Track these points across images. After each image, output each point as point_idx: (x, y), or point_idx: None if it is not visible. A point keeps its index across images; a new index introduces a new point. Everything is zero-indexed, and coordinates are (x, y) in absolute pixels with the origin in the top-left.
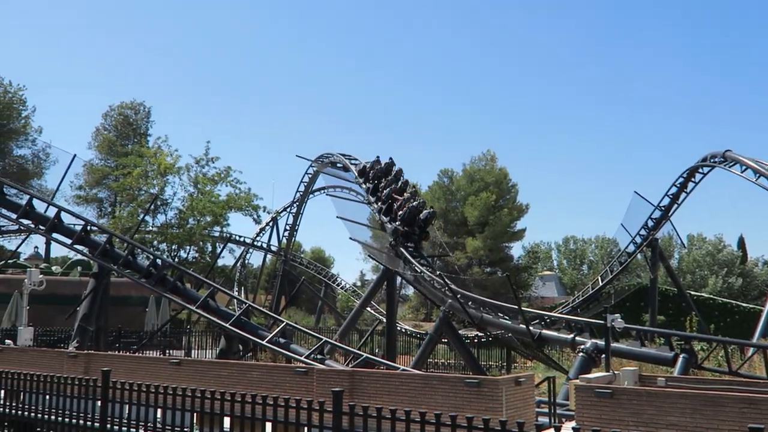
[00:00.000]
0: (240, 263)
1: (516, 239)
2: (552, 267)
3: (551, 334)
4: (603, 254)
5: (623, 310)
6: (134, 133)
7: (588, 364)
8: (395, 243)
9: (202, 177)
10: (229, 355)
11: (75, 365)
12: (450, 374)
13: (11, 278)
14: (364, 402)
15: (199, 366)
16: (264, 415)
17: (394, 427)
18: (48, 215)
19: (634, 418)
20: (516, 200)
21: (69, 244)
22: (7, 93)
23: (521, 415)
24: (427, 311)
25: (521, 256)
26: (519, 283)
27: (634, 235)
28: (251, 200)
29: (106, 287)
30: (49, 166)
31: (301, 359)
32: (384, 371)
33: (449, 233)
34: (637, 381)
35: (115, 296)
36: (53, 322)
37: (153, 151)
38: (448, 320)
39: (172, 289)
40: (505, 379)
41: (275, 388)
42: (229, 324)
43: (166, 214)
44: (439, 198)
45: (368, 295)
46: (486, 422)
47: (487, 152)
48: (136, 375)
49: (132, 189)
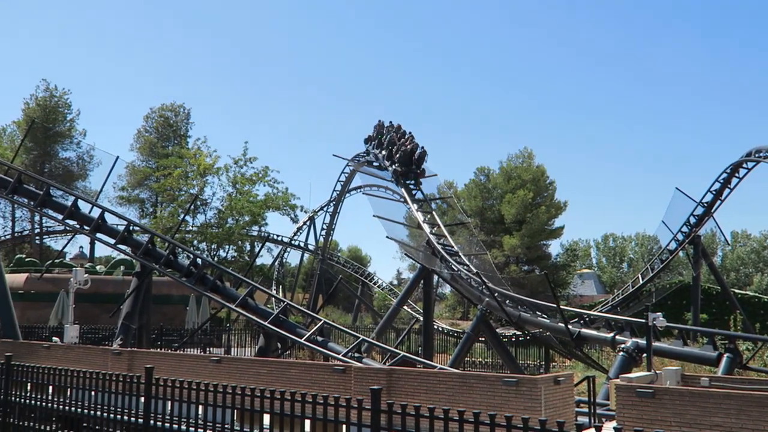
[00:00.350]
0: (278, 262)
1: (554, 237)
2: (591, 265)
3: (591, 333)
4: (643, 252)
5: (665, 308)
6: (174, 135)
7: (629, 364)
8: (397, 182)
9: (240, 177)
10: (267, 353)
11: (119, 362)
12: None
13: (58, 277)
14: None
15: (239, 364)
16: (303, 412)
17: (432, 426)
18: (92, 216)
19: (677, 418)
20: (554, 198)
21: (112, 243)
22: (53, 97)
23: (560, 415)
24: (464, 310)
25: (559, 254)
26: (557, 281)
27: (676, 232)
28: (289, 200)
29: (148, 286)
30: (93, 168)
31: (339, 357)
32: (421, 370)
33: (486, 231)
34: (679, 381)
35: (157, 295)
36: (98, 320)
37: (192, 152)
38: (485, 319)
39: (212, 288)
40: (544, 378)
41: (313, 386)
42: (268, 322)
43: (205, 213)
44: (475, 196)
45: (405, 293)
46: (525, 421)
47: (524, 149)
48: (178, 372)
49: (172, 189)
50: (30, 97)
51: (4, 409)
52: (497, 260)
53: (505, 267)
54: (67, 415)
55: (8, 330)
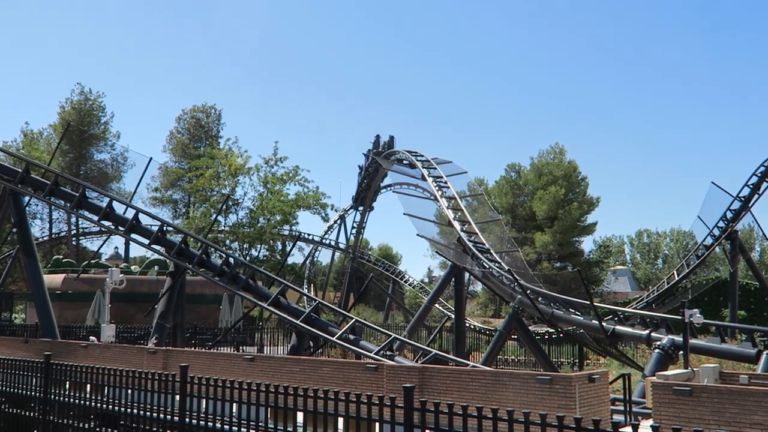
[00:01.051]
0: (309, 261)
1: (586, 233)
2: (625, 261)
3: (625, 330)
4: (679, 248)
5: (701, 305)
6: (206, 136)
7: (665, 361)
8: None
9: (271, 177)
10: (300, 352)
11: (154, 361)
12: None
13: (94, 278)
14: (434, 398)
15: (272, 362)
16: (336, 410)
17: (465, 424)
18: (127, 217)
19: (716, 416)
20: (586, 193)
21: (147, 244)
22: (88, 100)
23: (595, 413)
24: (495, 307)
25: (592, 251)
26: (590, 278)
27: (712, 227)
28: (319, 199)
29: (182, 285)
30: (127, 169)
31: (371, 355)
32: (454, 368)
33: (517, 228)
34: (717, 378)
35: (191, 294)
36: (133, 319)
37: (224, 152)
38: (517, 316)
39: (244, 287)
40: (579, 376)
41: (346, 384)
42: (300, 321)
43: (237, 213)
44: (506, 193)
45: (436, 291)
46: (560, 419)
47: (556, 145)
48: (212, 371)
49: (204, 190)
50: (65, 100)
51: (44, 408)
52: (529, 257)
53: (536, 264)
54: (104, 413)
55: (47, 329)
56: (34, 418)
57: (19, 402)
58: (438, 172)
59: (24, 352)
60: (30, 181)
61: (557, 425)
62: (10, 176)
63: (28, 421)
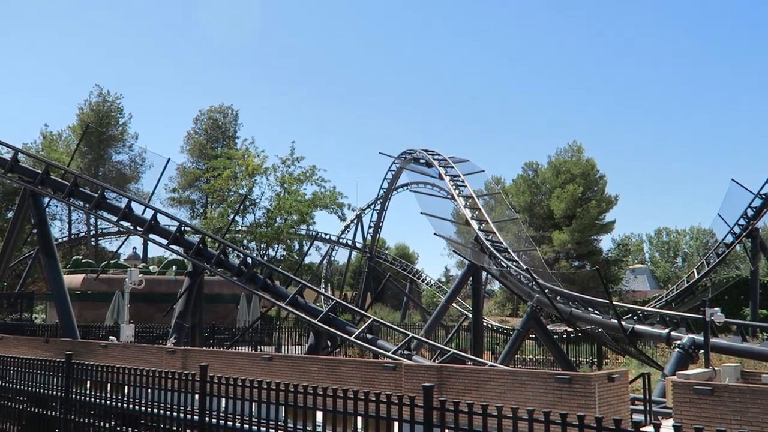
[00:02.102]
0: (326, 260)
1: (605, 232)
2: (643, 260)
3: (645, 329)
4: (698, 246)
5: (721, 303)
6: (223, 136)
7: (685, 360)
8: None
9: (288, 177)
10: (317, 351)
11: (173, 360)
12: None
13: (113, 278)
14: (452, 398)
15: (290, 361)
16: (356, 409)
17: (486, 424)
18: (145, 217)
19: (737, 416)
20: (604, 192)
21: (165, 244)
22: (106, 102)
23: (615, 413)
24: (513, 306)
25: (611, 249)
26: (609, 277)
27: (733, 224)
28: (336, 198)
29: (200, 285)
30: (145, 170)
31: (389, 355)
32: (472, 367)
33: (535, 227)
34: (739, 378)
35: (209, 294)
36: (152, 319)
37: (241, 152)
38: (535, 315)
39: (262, 287)
40: (598, 375)
41: (364, 383)
42: (318, 320)
43: (254, 213)
44: (524, 191)
45: (454, 290)
46: (581, 419)
47: (573, 143)
48: (230, 370)
49: (222, 190)
50: (84, 102)
51: (65, 407)
52: (547, 256)
53: (554, 263)
54: (124, 412)
55: (67, 329)
56: (56, 417)
57: (41, 401)
58: (455, 170)
59: (45, 351)
60: (50, 182)
61: (578, 425)
62: (30, 177)
63: (50, 420)
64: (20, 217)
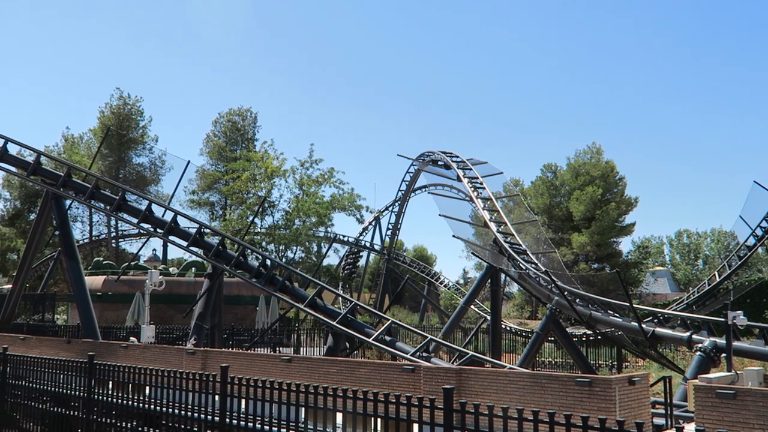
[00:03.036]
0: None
1: (625, 234)
2: (664, 262)
3: (666, 332)
4: (720, 248)
5: (743, 306)
6: (242, 139)
7: (706, 364)
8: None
9: (306, 179)
10: (336, 353)
11: (193, 361)
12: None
13: (133, 279)
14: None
15: (309, 363)
16: (376, 411)
17: (506, 426)
18: (165, 219)
19: (760, 420)
20: (624, 194)
21: (185, 246)
22: (126, 105)
23: (636, 416)
24: (532, 309)
25: (631, 252)
26: (629, 280)
27: (755, 227)
28: (354, 200)
29: (219, 287)
30: (165, 172)
31: (407, 357)
32: (491, 369)
33: (554, 229)
34: (761, 381)
35: (228, 295)
36: (172, 320)
37: (260, 155)
38: (555, 318)
39: (281, 289)
40: (619, 379)
41: (383, 385)
42: (336, 322)
43: (273, 215)
44: (542, 193)
45: (472, 292)
46: (602, 422)
47: (593, 145)
48: (250, 371)
49: (241, 192)
50: (105, 105)
51: (88, 407)
52: (566, 258)
53: (574, 265)
54: (145, 412)
55: (88, 330)
56: (78, 417)
57: (64, 401)
58: (473, 172)
59: (66, 352)
60: (72, 184)
61: (599, 428)
62: (52, 180)
63: (72, 420)
64: (43, 219)
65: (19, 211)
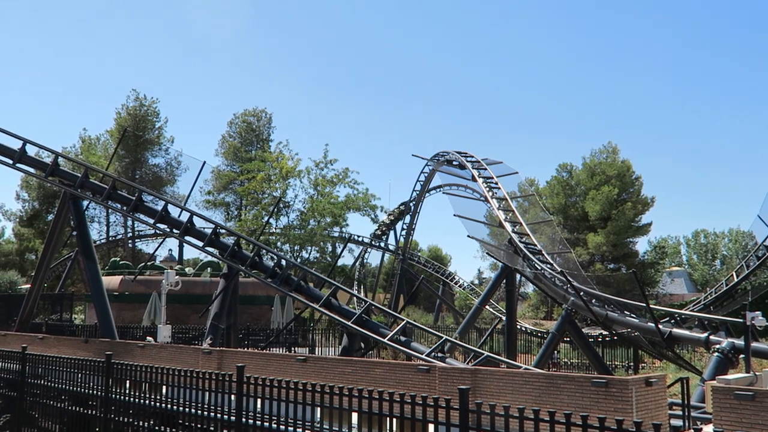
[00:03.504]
0: (359, 262)
1: (641, 234)
2: (681, 263)
3: (683, 333)
4: (738, 248)
5: (762, 307)
6: (257, 139)
7: (724, 365)
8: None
9: (321, 179)
10: (351, 353)
11: (209, 361)
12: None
13: (150, 279)
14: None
15: (324, 363)
16: (391, 411)
17: (522, 427)
18: (181, 220)
19: None
20: (640, 193)
21: (201, 246)
22: (143, 106)
23: (653, 418)
24: (547, 309)
25: (647, 252)
26: (645, 280)
27: None
28: (369, 200)
29: (234, 287)
30: (181, 173)
31: (422, 357)
32: (507, 370)
33: (569, 229)
34: None
35: (243, 295)
36: (188, 320)
37: (275, 155)
38: (570, 318)
39: (296, 289)
40: (635, 380)
41: (398, 385)
42: (351, 322)
43: (288, 216)
44: (558, 193)
45: (487, 293)
46: (619, 423)
47: (609, 144)
48: (265, 371)
49: (256, 193)
50: (121, 107)
51: (105, 406)
52: (581, 258)
53: (589, 265)
54: (162, 411)
55: (106, 330)
56: (96, 416)
57: (81, 400)
58: (488, 172)
59: (84, 351)
60: (89, 185)
61: (617, 429)
62: (70, 181)
63: (90, 419)
64: (60, 219)
65: (38, 211)
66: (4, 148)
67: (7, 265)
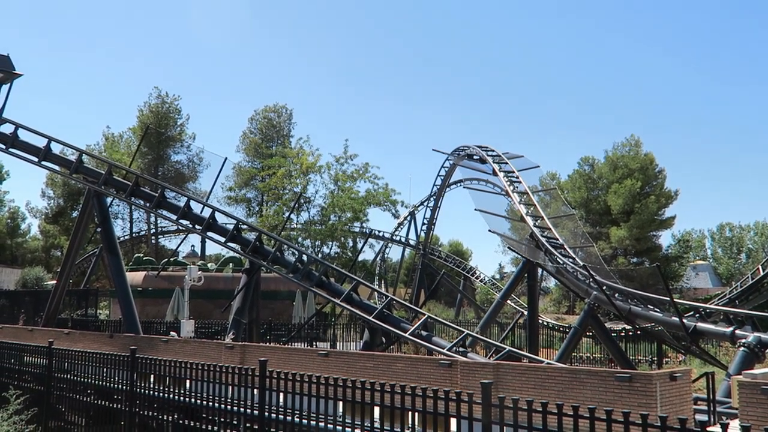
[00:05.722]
0: (379, 257)
1: (664, 227)
2: (705, 256)
3: (708, 327)
4: (763, 241)
5: None
6: (278, 135)
7: (750, 359)
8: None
9: (341, 174)
10: (372, 347)
11: (232, 356)
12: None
13: (173, 275)
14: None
15: (346, 357)
16: (413, 405)
17: (545, 421)
18: (204, 216)
19: None
20: (664, 186)
21: (223, 242)
22: (165, 103)
23: (678, 412)
24: (569, 304)
25: (671, 245)
26: (669, 274)
27: None
28: (389, 195)
29: (256, 282)
30: (203, 169)
31: (444, 351)
32: (529, 364)
33: (592, 223)
34: None
35: (265, 291)
36: (210, 315)
37: (295, 151)
38: (593, 313)
39: (317, 284)
40: (660, 374)
41: (419, 380)
42: (372, 317)
43: (309, 211)
44: (580, 187)
45: (509, 287)
46: (644, 418)
47: (631, 137)
48: (288, 365)
49: (277, 188)
50: (144, 104)
51: (130, 400)
52: (604, 253)
53: (612, 259)
54: (185, 406)
55: (130, 325)
56: (121, 410)
57: (107, 394)
58: (509, 167)
59: (109, 346)
60: (112, 182)
61: (641, 424)
62: (94, 178)
63: (115, 413)
64: (85, 216)
65: (63, 208)
66: (30, 147)
67: (33, 261)
